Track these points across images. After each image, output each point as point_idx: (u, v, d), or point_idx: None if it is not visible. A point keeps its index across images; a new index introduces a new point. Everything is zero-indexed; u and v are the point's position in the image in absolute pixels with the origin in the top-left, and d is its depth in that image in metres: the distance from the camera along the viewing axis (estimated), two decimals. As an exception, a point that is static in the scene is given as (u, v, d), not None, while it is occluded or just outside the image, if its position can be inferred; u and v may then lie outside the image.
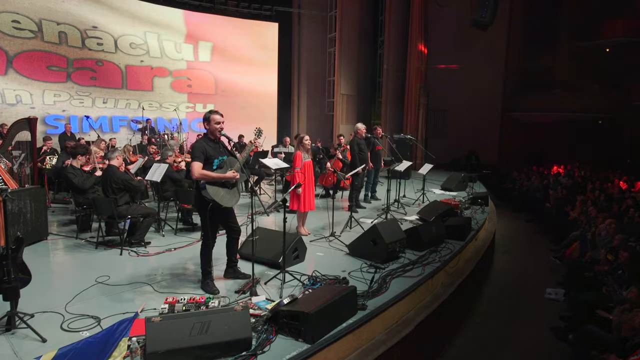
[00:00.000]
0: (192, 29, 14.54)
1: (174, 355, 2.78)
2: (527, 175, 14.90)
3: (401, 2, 15.44)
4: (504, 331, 5.54)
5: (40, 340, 3.16)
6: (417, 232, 5.56)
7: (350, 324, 3.55)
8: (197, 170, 3.81)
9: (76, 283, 4.29)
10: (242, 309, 3.07)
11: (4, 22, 10.86)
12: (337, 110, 16.11)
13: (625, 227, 7.48)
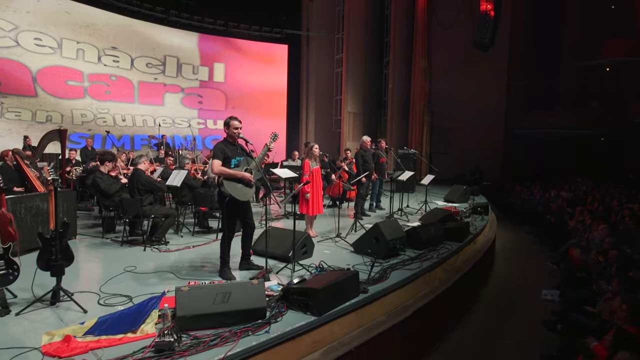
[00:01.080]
0: (206, 51, 15.31)
1: (199, 320, 3.23)
2: (529, 190, 15.25)
3: (405, 25, 16.13)
4: (500, 325, 5.90)
5: (81, 311, 3.62)
6: (417, 232, 5.99)
7: (353, 303, 3.97)
8: (216, 167, 4.32)
9: (106, 271, 4.77)
10: (258, 283, 3.52)
11: (26, 39, 11.58)
12: (344, 127, 16.68)
13: (619, 233, 7.84)
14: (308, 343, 3.52)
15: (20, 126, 11.35)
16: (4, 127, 11.06)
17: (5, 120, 11.09)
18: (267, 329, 3.32)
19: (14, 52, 11.25)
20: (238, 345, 3.05)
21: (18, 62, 11.32)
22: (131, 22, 13.61)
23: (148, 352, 2.88)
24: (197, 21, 15.10)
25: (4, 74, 11.07)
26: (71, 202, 6.10)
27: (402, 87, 16.42)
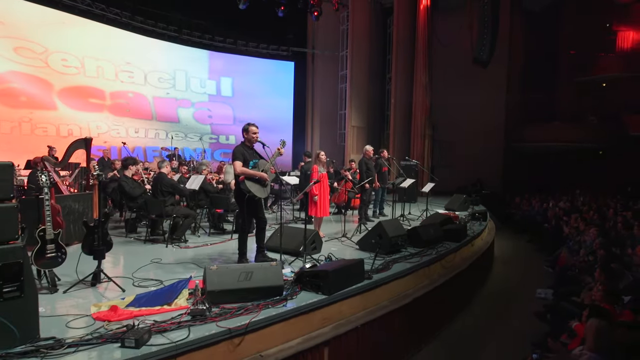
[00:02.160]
0: (215, 67, 16.01)
1: (225, 294, 3.71)
2: (529, 201, 15.69)
3: (407, 43, 16.78)
4: (497, 318, 6.34)
5: (120, 290, 4.12)
6: (417, 232, 6.46)
7: (359, 287, 4.45)
8: (238, 167, 4.84)
9: (134, 262, 5.25)
10: (276, 265, 4.01)
11: (54, 60, 12.30)
12: (348, 141, 17.24)
13: (611, 237, 8.29)
14: (320, 318, 3.99)
15: (47, 141, 11.95)
16: (35, 143, 11.67)
17: (35, 136, 11.71)
18: (285, 304, 3.80)
19: (44, 72, 11.93)
20: (260, 315, 3.54)
21: (46, 80, 12.00)
22: (146, 40, 14.32)
23: (184, 317, 3.37)
24: (207, 39, 15.85)
25: (31, 91, 11.73)
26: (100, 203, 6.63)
27: (404, 102, 16.99)
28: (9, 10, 11.35)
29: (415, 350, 5.20)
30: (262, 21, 15.41)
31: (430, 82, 16.44)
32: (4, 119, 11.24)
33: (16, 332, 2.76)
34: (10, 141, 11.26)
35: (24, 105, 11.67)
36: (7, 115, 11.30)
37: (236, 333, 3.30)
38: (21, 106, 11.65)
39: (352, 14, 16.83)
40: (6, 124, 11.35)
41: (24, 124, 11.62)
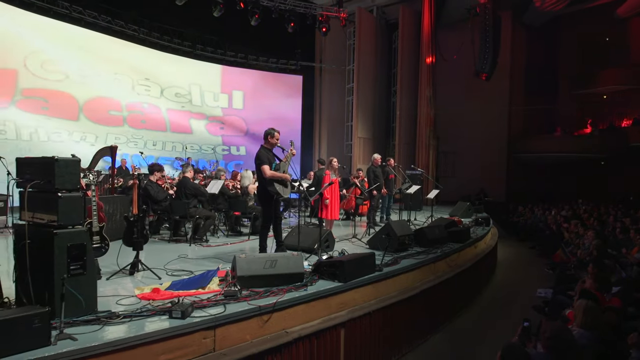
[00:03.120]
0: (227, 81, 16.63)
1: (253, 280, 4.17)
2: (532, 210, 16.08)
3: (411, 57, 17.38)
4: (500, 313, 6.73)
5: (156, 278, 4.58)
6: (423, 232, 6.91)
7: (370, 277, 4.89)
8: (267, 171, 5.31)
9: (163, 258, 5.69)
10: (298, 255, 4.47)
11: (74, 73, 12.91)
12: (355, 152, 17.72)
13: (609, 241, 8.69)
14: (337, 303, 4.43)
15: (64, 147, 12.52)
16: (51, 150, 12.22)
17: (52, 142, 12.28)
18: (305, 289, 4.25)
19: (63, 84, 12.57)
20: (284, 296, 3.98)
21: (68, 93, 12.63)
22: (162, 55, 14.97)
23: (219, 297, 3.82)
24: (219, 54, 16.49)
25: (54, 101, 12.35)
26: (126, 207, 7.13)
27: (409, 114, 17.52)
28: (35, 28, 12.01)
29: (422, 340, 5.61)
30: (271, 36, 16.00)
31: (434, 94, 16.97)
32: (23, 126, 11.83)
33: (83, 302, 3.23)
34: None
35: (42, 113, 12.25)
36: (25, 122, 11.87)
37: (265, 310, 3.75)
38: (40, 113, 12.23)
39: (358, 29, 17.46)
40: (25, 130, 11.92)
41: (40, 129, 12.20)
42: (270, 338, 3.74)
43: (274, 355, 3.71)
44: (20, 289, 3.33)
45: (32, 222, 3.30)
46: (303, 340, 3.95)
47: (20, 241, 3.30)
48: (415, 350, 5.34)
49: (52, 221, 3.24)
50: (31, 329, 2.73)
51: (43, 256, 3.22)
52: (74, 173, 3.33)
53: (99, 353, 2.88)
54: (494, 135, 18.75)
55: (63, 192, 3.23)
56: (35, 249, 3.25)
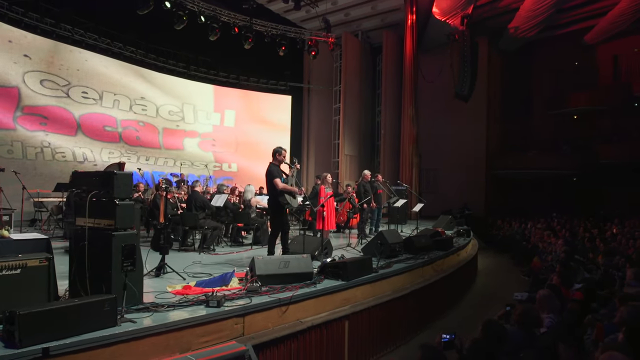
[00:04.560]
0: (219, 100, 17.33)
1: (270, 278, 4.80)
2: (509, 223, 17.03)
3: (395, 78, 18.38)
4: (480, 313, 7.45)
5: (181, 278, 5.18)
6: (411, 240, 7.63)
7: (369, 277, 5.58)
8: (280, 183, 5.96)
9: (179, 264, 6.23)
10: (307, 256, 5.13)
11: (75, 92, 13.44)
12: (341, 168, 18.51)
13: (577, 250, 9.56)
14: (341, 299, 5.10)
15: (67, 166, 12.95)
16: (56, 169, 12.65)
17: (56, 162, 12.73)
18: (315, 286, 4.91)
19: (64, 102, 13.07)
20: (298, 291, 4.63)
21: (66, 110, 13.13)
22: (157, 76, 15.61)
23: (243, 292, 4.45)
24: (212, 75, 17.20)
25: (54, 119, 12.83)
26: (137, 216, 7.68)
27: (393, 133, 18.43)
28: (38, 48, 12.54)
29: (414, 335, 6.28)
30: (262, 58, 16.78)
31: (416, 114, 17.87)
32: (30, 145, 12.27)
33: (137, 293, 3.84)
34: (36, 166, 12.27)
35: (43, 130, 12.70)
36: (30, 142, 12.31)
37: (284, 302, 4.40)
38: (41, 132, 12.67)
39: (344, 52, 18.43)
40: (31, 150, 12.36)
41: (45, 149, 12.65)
42: (287, 326, 4.38)
43: (292, 341, 4.34)
44: (77, 283, 3.90)
45: (91, 226, 3.90)
46: (314, 329, 4.60)
47: (79, 242, 3.90)
48: (407, 343, 6.01)
49: (109, 225, 3.85)
50: (102, 312, 3.34)
51: (101, 254, 3.82)
52: (128, 184, 3.96)
53: (155, 333, 3.49)
54: (473, 153, 19.76)
55: (120, 200, 3.86)
56: (93, 248, 3.85)
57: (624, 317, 3.29)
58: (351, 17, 18.30)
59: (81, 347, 3.09)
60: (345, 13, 18.01)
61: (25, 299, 3.41)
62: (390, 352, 5.65)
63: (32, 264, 3.55)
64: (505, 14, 17.60)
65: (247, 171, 17.31)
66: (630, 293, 4.67)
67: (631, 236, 10.67)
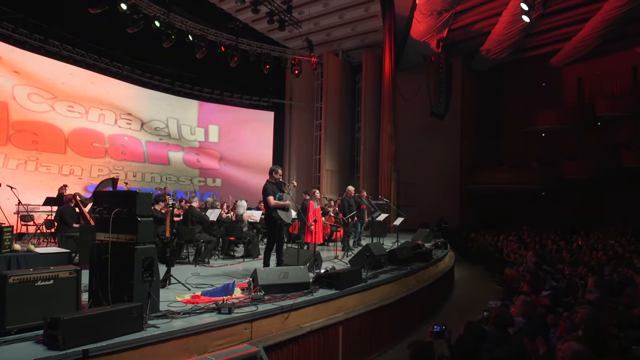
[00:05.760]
0: (204, 116, 17.70)
1: (272, 287, 5.24)
2: (483, 236, 17.83)
3: (374, 96, 19.12)
4: (458, 320, 8.01)
5: (187, 289, 5.56)
6: (395, 253, 8.19)
7: (359, 287, 6.07)
8: (272, 200, 6.42)
9: (179, 276, 6.55)
10: (304, 267, 5.60)
11: (61, 107, 13.60)
12: (322, 182, 19.04)
13: (545, 260, 10.30)
14: (335, 306, 5.57)
15: (49, 178, 13.06)
16: (37, 179, 12.76)
17: (39, 173, 12.83)
18: (312, 294, 5.37)
19: (50, 117, 13.23)
20: (297, 299, 5.08)
21: (53, 125, 13.27)
22: (143, 91, 15.89)
23: (249, 300, 4.88)
24: (197, 90, 17.57)
25: (42, 135, 12.96)
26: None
27: (372, 148, 19.11)
28: (25, 63, 12.70)
29: (399, 340, 6.78)
30: (245, 75, 17.24)
31: (394, 131, 18.60)
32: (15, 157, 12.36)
33: (157, 301, 4.23)
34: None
35: (32, 147, 12.80)
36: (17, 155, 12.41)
37: (286, 309, 4.84)
38: (30, 147, 12.77)
39: (326, 70, 19.11)
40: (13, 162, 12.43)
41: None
42: (289, 331, 4.82)
43: (293, 345, 4.78)
44: (100, 292, 4.26)
45: (114, 241, 4.28)
46: (313, 334, 5.05)
47: (102, 256, 4.27)
48: (393, 347, 6.50)
49: (130, 240, 4.24)
50: (130, 318, 3.73)
51: (123, 267, 4.19)
52: (148, 203, 4.37)
53: (176, 337, 3.89)
54: (448, 168, 20.64)
55: (141, 217, 4.26)
56: (115, 261, 4.23)
57: (582, 317, 3.87)
58: (332, 37, 19.06)
59: (115, 349, 3.47)
60: (326, 33, 18.75)
61: (57, 307, 3.76)
62: (379, 355, 6.13)
63: (63, 275, 3.91)
64: (477, 37, 18.61)
65: (231, 186, 17.66)
66: (590, 299, 5.31)
67: (594, 248, 11.53)
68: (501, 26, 16.92)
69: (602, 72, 20.80)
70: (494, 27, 17.27)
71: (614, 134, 20.35)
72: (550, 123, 21.60)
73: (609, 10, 15.36)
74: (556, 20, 17.17)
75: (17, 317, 3.62)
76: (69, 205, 8.50)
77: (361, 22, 18.04)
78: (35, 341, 3.46)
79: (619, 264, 9.23)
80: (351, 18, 17.77)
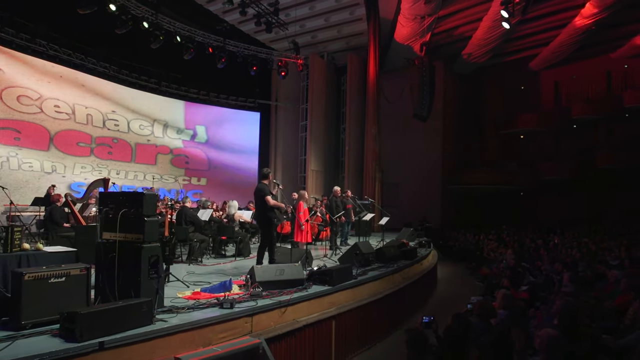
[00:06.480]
0: (190, 116, 17.79)
1: (268, 283, 5.49)
2: (464, 235, 18.36)
3: (358, 98, 19.47)
4: (441, 316, 8.38)
5: (185, 286, 5.77)
6: (382, 251, 8.51)
7: (350, 283, 6.37)
8: (271, 201, 6.67)
9: (175, 274, 6.80)
10: (298, 265, 5.87)
11: (48, 106, 13.58)
12: (308, 183, 19.31)
13: (524, 257, 10.78)
14: (327, 302, 5.85)
15: (33, 176, 13.04)
16: (21, 178, 12.72)
17: (22, 172, 12.79)
18: (307, 290, 5.65)
19: (38, 118, 13.19)
20: (293, 295, 5.35)
21: (40, 125, 13.24)
22: (130, 91, 15.92)
23: (248, 296, 5.13)
24: (183, 91, 17.65)
25: (27, 133, 12.92)
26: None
27: (356, 149, 19.45)
28: (10, 63, 12.65)
29: (388, 334, 7.11)
30: (231, 75, 17.36)
31: (379, 132, 18.97)
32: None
33: (163, 297, 4.45)
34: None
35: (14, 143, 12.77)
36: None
37: (283, 304, 5.11)
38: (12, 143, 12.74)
39: (311, 72, 19.37)
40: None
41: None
42: (286, 325, 5.09)
43: (290, 337, 5.05)
44: (107, 289, 4.46)
45: (121, 240, 4.48)
46: (308, 327, 5.32)
47: (109, 254, 4.47)
48: (382, 341, 6.82)
49: (137, 239, 4.45)
50: (141, 312, 3.95)
51: (130, 265, 4.40)
52: (154, 203, 4.58)
53: (183, 330, 4.12)
54: (430, 169, 21.15)
55: (147, 217, 4.47)
56: (121, 259, 4.43)
57: (558, 308, 4.25)
58: (318, 39, 19.34)
59: (128, 342, 3.69)
60: (312, 35, 19.03)
61: (69, 303, 3.95)
62: (369, 348, 6.45)
63: (74, 273, 4.10)
64: (459, 41, 19.13)
65: (216, 185, 17.81)
66: (565, 292, 5.72)
67: (570, 245, 12.09)
68: (482, 31, 17.44)
69: (578, 76, 21.60)
70: (475, 32, 17.79)
71: (589, 137, 21.15)
72: (529, 125, 22.33)
73: (584, 18, 16.01)
74: (535, 26, 17.79)
75: (32, 313, 3.80)
76: (57, 206, 8.59)
77: (346, 25, 18.36)
78: (51, 335, 3.66)
79: (592, 261, 9.76)
80: (337, 21, 18.08)
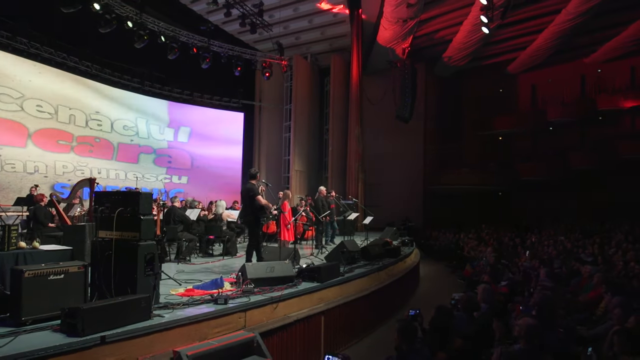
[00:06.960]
0: (174, 116, 17.75)
1: (260, 280, 5.65)
2: (445, 234, 18.76)
3: (341, 99, 19.70)
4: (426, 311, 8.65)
5: (177, 284, 5.88)
6: (367, 249, 8.73)
7: (338, 280, 6.56)
8: (262, 200, 6.81)
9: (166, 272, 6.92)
10: (288, 262, 6.04)
11: (29, 105, 13.42)
12: (292, 183, 19.46)
13: (503, 255, 11.15)
14: (317, 298, 6.03)
15: (16, 177, 12.88)
16: (4, 179, 12.56)
17: (5, 173, 12.63)
18: (297, 287, 5.82)
19: (18, 116, 13.03)
20: (284, 292, 5.52)
21: (19, 124, 13.07)
22: (112, 91, 15.82)
23: (241, 292, 5.27)
24: (167, 91, 17.61)
25: (2, 130, 12.71)
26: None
27: (339, 150, 19.69)
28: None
29: (374, 329, 7.33)
30: (214, 75, 17.40)
31: (362, 133, 19.25)
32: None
33: (159, 293, 4.56)
34: None
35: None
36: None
37: (275, 300, 5.27)
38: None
39: (295, 73, 19.54)
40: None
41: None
42: (278, 320, 5.25)
43: (282, 332, 5.22)
44: (103, 286, 4.55)
45: (117, 238, 4.58)
46: (299, 322, 5.50)
47: (105, 252, 4.57)
48: (369, 335, 7.04)
49: (133, 237, 4.56)
50: (139, 308, 4.07)
51: (126, 262, 4.50)
52: (149, 202, 4.69)
53: (180, 324, 4.25)
54: (412, 169, 21.52)
55: (143, 216, 4.58)
56: (118, 257, 4.54)
57: (536, 300, 4.52)
58: (301, 40, 19.51)
59: (128, 336, 3.81)
60: (296, 37, 19.19)
61: (67, 299, 4.05)
62: (357, 342, 6.65)
63: (72, 270, 4.20)
64: (440, 44, 19.53)
65: (198, 184, 17.82)
66: (544, 285, 6.03)
67: (547, 243, 12.52)
68: (462, 35, 17.86)
69: (554, 80, 22.25)
70: (456, 36, 18.20)
71: (563, 138, 21.82)
72: (507, 127, 22.92)
73: (559, 23, 16.56)
74: (513, 31, 18.29)
75: (32, 309, 3.89)
76: (41, 205, 8.56)
77: (330, 27, 18.58)
78: (52, 330, 3.75)
79: (567, 258, 10.17)
80: (320, 23, 18.28)
